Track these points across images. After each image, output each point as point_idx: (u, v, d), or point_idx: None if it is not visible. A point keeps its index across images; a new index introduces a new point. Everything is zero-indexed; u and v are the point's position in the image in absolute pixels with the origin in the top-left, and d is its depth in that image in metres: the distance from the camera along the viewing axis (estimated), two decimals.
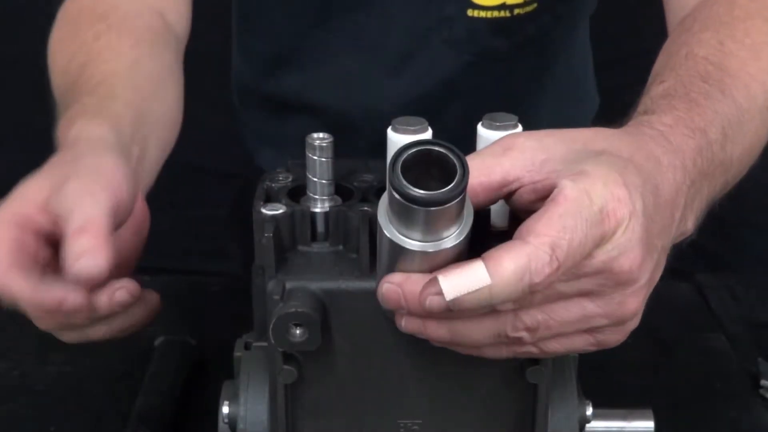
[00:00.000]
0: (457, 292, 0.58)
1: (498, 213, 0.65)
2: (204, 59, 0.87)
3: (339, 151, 0.68)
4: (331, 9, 1.09)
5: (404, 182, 0.56)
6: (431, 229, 0.58)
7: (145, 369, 0.95)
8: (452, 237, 0.59)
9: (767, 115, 0.80)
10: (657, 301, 0.64)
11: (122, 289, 0.72)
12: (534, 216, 0.59)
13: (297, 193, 0.70)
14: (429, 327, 0.62)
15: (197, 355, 0.98)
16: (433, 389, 0.69)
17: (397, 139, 0.65)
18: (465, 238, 0.59)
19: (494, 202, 0.63)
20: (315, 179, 0.68)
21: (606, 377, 0.92)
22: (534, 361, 0.67)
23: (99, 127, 0.79)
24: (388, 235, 0.59)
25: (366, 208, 0.67)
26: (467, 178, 0.57)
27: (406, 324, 0.63)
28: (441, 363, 0.68)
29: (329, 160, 0.68)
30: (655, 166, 0.65)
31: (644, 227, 0.61)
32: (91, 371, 0.98)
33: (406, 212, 0.58)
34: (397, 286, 0.61)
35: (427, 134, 0.65)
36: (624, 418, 0.77)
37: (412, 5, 1.06)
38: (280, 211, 0.67)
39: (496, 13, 1.05)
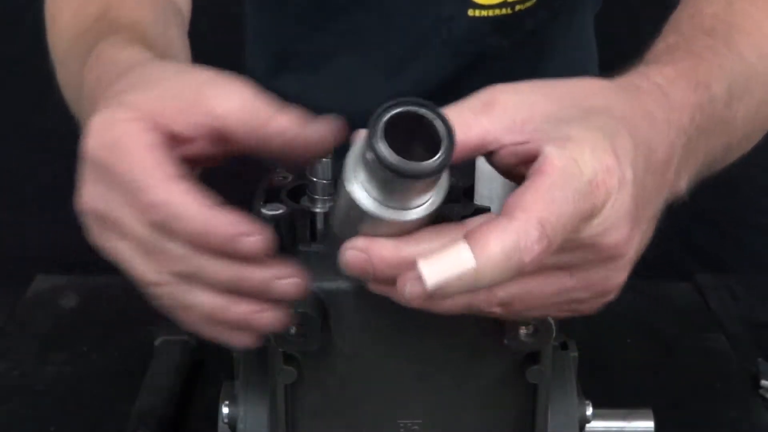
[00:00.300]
0: (439, 277, 0.54)
1: (498, 212, 0.65)
2: (209, 60, 0.86)
3: (339, 152, 0.68)
4: (330, 11, 1.09)
5: (386, 149, 0.53)
6: (406, 197, 0.56)
7: (145, 369, 0.95)
8: (425, 205, 0.56)
9: None
10: (657, 301, 0.64)
11: (296, 278, 0.60)
12: (520, 189, 0.55)
13: (297, 193, 0.70)
14: (398, 294, 0.57)
15: (197, 355, 0.98)
16: (433, 389, 0.69)
17: None
18: (438, 206, 0.57)
19: (469, 159, 0.60)
20: (315, 179, 0.68)
21: (606, 377, 0.92)
22: (534, 361, 0.68)
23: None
24: (354, 198, 0.56)
25: None
26: (454, 148, 0.53)
27: (375, 288, 0.59)
28: (441, 363, 0.68)
29: (329, 160, 0.67)
30: (650, 124, 0.61)
31: (633, 198, 0.57)
32: (91, 371, 0.98)
33: (381, 177, 0.54)
34: (361, 251, 0.57)
35: None
36: (624, 418, 0.77)
37: (412, 6, 1.06)
38: (280, 211, 0.67)
39: (497, 11, 1.05)
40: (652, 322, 1.05)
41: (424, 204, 0.56)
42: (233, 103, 0.61)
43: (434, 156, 0.53)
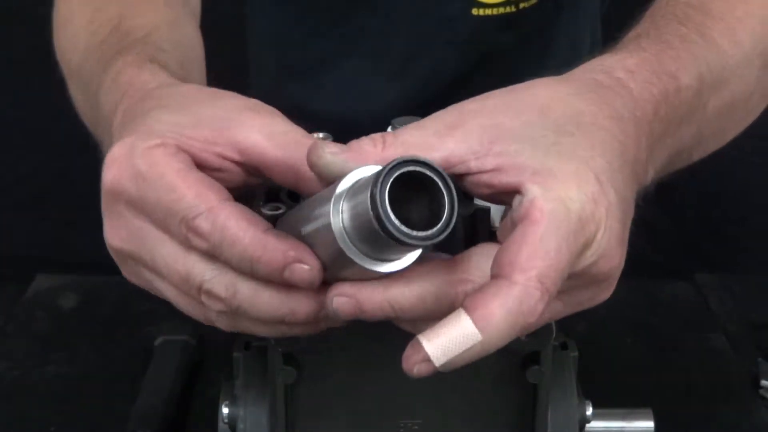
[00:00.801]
0: (447, 356, 0.53)
1: (498, 213, 0.65)
2: (211, 70, 0.86)
3: None
4: (332, 15, 1.08)
5: (393, 217, 0.51)
6: (394, 253, 0.55)
7: (145, 369, 0.95)
8: (407, 258, 0.55)
9: (758, 64, 0.73)
10: (657, 301, 0.64)
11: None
12: (512, 241, 0.53)
13: (297, 193, 0.70)
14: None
15: (197, 355, 0.98)
16: (433, 389, 0.69)
17: None
18: (419, 257, 0.56)
19: None
20: None
21: (606, 377, 0.92)
22: (534, 361, 0.68)
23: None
24: (342, 249, 0.53)
25: None
26: (455, 219, 0.52)
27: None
28: None
29: None
30: (618, 124, 0.59)
31: (621, 221, 0.57)
32: (91, 371, 0.98)
33: (376, 237, 0.52)
34: (349, 297, 0.55)
35: None
36: (624, 418, 0.77)
37: (415, 8, 1.06)
38: (280, 211, 0.67)
39: (501, 9, 1.04)
40: (652, 322, 1.05)
41: (406, 257, 0.55)
42: (261, 136, 0.58)
43: (434, 220, 0.52)
